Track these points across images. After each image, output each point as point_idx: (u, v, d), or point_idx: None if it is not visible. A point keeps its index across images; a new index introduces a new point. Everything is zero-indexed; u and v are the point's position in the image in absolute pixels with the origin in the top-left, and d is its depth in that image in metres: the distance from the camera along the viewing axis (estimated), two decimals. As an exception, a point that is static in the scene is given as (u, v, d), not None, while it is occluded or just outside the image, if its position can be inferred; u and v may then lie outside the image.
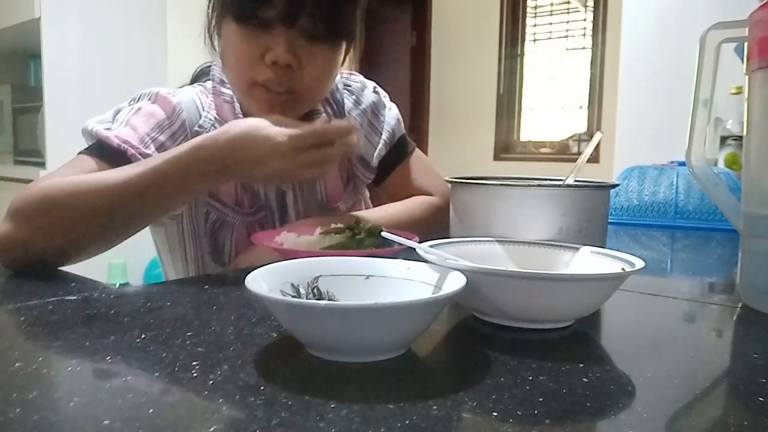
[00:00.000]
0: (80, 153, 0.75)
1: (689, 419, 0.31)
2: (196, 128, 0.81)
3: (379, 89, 0.98)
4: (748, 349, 0.44)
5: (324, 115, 0.76)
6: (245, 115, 0.83)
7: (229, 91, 0.84)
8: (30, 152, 2.47)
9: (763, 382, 0.35)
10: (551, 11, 4.03)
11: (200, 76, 0.94)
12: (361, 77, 0.98)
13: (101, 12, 2.41)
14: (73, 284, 0.59)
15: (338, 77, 0.92)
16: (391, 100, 1.00)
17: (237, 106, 0.84)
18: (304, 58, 0.75)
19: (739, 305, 0.55)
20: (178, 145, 0.73)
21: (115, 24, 2.45)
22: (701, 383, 0.37)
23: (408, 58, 4.49)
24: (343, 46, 0.80)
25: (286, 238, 0.71)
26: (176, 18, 2.71)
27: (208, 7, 0.80)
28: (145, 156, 0.72)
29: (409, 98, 4.42)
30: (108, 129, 0.75)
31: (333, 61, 0.80)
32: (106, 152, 0.73)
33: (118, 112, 0.79)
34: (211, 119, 0.82)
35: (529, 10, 4.11)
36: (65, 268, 0.69)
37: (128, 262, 2.53)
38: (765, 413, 0.31)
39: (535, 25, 4.11)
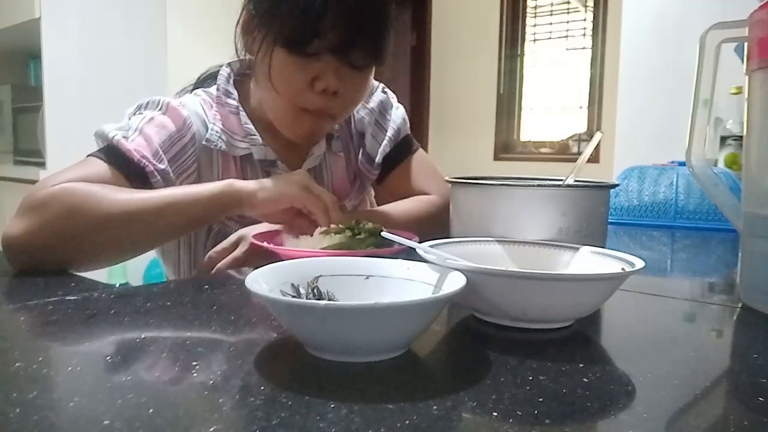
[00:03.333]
0: (90, 155, 0.74)
1: (689, 419, 0.31)
2: (203, 142, 0.82)
3: (387, 90, 1.00)
4: (748, 349, 0.44)
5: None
6: (254, 126, 0.84)
7: (235, 102, 0.85)
8: (30, 152, 2.47)
9: (763, 382, 0.35)
10: (551, 11, 4.02)
11: (207, 79, 0.94)
12: None
13: (101, 12, 2.40)
14: (73, 284, 0.59)
15: None
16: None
17: (243, 116, 0.84)
18: (346, 84, 0.78)
19: (739, 305, 0.55)
20: (189, 156, 0.79)
21: (115, 24, 2.45)
22: (701, 383, 0.37)
23: (408, 58, 4.48)
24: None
25: (286, 238, 0.71)
26: (176, 18, 2.71)
27: (253, 28, 0.79)
28: (160, 171, 0.74)
29: (409, 98, 4.40)
30: (126, 137, 0.75)
31: (367, 86, 0.83)
32: (122, 162, 0.72)
33: (129, 118, 0.79)
34: (217, 131, 0.83)
35: (529, 10, 4.10)
36: (65, 268, 0.69)
37: (128, 262, 2.53)
38: (765, 413, 0.31)
39: (535, 25, 4.10)
